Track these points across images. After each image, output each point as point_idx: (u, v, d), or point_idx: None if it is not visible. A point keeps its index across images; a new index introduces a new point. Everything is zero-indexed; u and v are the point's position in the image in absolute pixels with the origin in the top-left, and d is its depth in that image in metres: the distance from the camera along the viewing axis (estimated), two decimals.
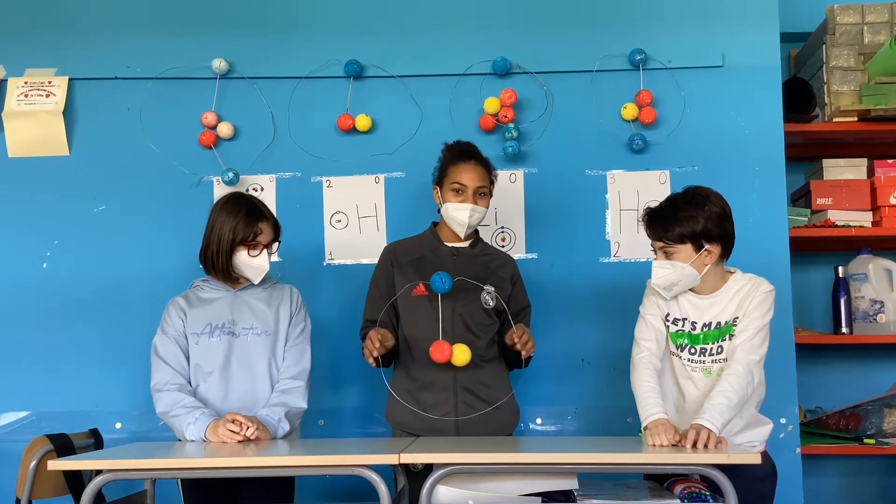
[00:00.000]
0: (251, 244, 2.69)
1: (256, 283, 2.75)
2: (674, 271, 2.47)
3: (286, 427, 2.62)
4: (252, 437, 2.50)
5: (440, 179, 2.86)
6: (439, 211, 2.89)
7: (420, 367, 2.77)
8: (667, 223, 2.46)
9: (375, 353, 2.62)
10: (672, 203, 2.50)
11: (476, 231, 2.94)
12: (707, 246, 2.45)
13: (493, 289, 2.78)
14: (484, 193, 2.82)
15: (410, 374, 2.80)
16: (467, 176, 2.79)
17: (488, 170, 2.86)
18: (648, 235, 2.54)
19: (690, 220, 2.44)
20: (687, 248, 2.45)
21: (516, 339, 2.66)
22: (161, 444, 2.79)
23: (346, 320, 3.16)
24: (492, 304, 2.77)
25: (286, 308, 2.78)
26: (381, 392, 2.85)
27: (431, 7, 3.37)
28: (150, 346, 2.72)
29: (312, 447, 2.54)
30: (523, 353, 2.66)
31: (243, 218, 2.69)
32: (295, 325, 2.78)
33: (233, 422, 2.50)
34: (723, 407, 2.31)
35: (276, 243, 2.77)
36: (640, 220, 2.58)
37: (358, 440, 3.03)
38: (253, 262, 2.70)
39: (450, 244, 2.88)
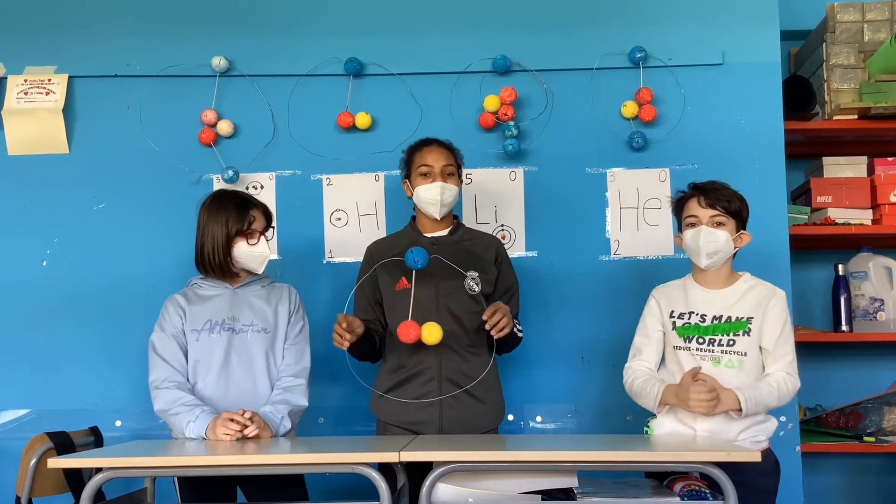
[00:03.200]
0: (247, 233, 2.69)
1: (260, 272, 2.74)
2: (720, 240, 2.56)
3: (287, 425, 2.62)
4: (251, 436, 2.50)
5: (408, 172, 2.88)
6: (415, 208, 2.90)
7: (404, 358, 2.77)
8: (724, 196, 2.57)
9: (348, 338, 2.59)
10: (721, 184, 2.62)
11: (456, 217, 2.94)
12: (742, 231, 2.59)
13: (476, 274, 2.73)
14: (452, 173, 2.83)
15: (395, 366, 2.79)
16: (432, 157, 2.81)
17: (452, 152, 2.87)
18: (701, 204, 2.58)
19: (741, 200, 2.59)
20: (732, 224, 2.58)
21: (485, 318, 2.61)
22: (161, 442, 2.79)
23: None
24: (477, 289, 2.71)
25: (285, 306, 2.78)
26: (363, 384, 2.84)
27: (431, 5, 3.36)
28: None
29: (312, 445, 2.54)
30: (493, 333, 2.62)
31: (234, 209, 2.70)
32: (294, 324, 2.78)
33: (231, 420, 2.49)
34: (762, 402, 2.44)
35: (271, 229, 2.78)
36: (688, 189, 2.64)
37: (357, 438, 3.03)
38: (254, 251, 2.70)
39: (429, 234, 2.87)
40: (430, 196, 2.79)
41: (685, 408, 2.44)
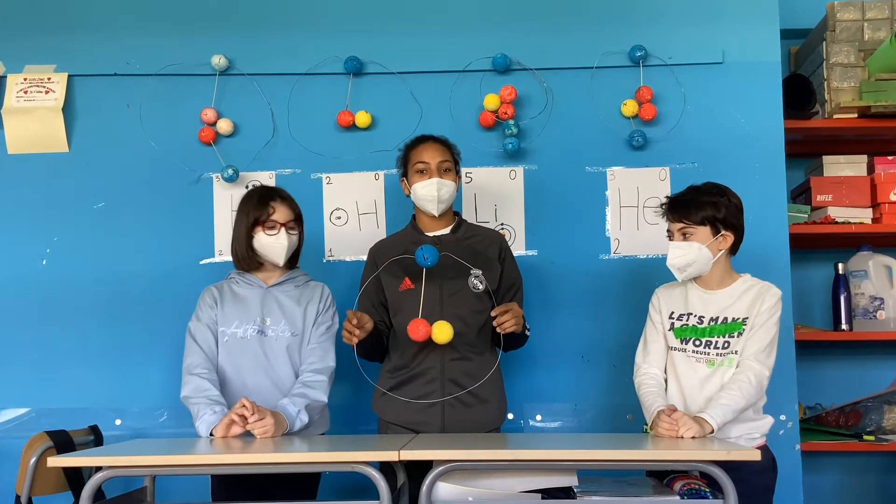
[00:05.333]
0: (266, 223, 2.70)
1: (280, 263, 2.75)
2: (690, 251, 2.57)
3: (304, 419, 2.61)
4: (259, 430, 2.48)
5: (405, 170, 2.86)
6: (415, 206, 2.88)
7: (407, 358, 2.76)
8: (690, 206, 2.58)
9: (357, 333, 2.59)
10: (695, 190, 2.64)
11: (458, 214, 2.94)
12: (723, 231, 2.56)
13: (480, 272, 2.74)
14: (449, 169, 2.81)
15: (397, 365, 2.79)
16: (427, 153, 2.80)
17: (449, 147, 2.86)
18: (669, 219, 2.63)
19: (712, 205, 2.57)
20: (705, 231, 2.57)
21: (493, 314, 2.62)
22: (161, 441, 2.79)
23: (346, 316, 3.15)
24: (481, 287, 2.73)
25: (314, 307, 2.79)
26: (369, 381, 2.83)
27: (431, 4, 3.36)
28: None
29: (312, 444, 2.54)
30: (499, 329, 2.63)
31: (256, 200, 2.74)
32: (321, 323, 2.79)
33: (232, 422, 2.48)
34: (728, 409, 2.42)
35: (300, 226, 2.79)
36: (661, 206, 2.67)
37: (357, 437, 3.03)
38: (272, 241, 2.71)
39: (431, 233, 2.86)
40: (427, 193, 2.78)
41: None
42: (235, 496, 2.64)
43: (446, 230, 2.87)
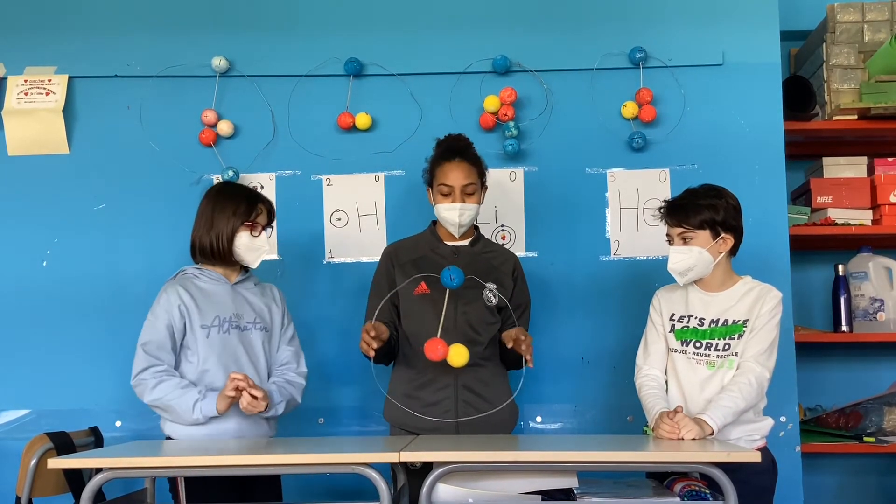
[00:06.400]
0: (252, 224, 2.70)
1: (255, 266, 2.76)
2: (690, 256, 2.58)
3: (280, 411, 2.66)
4: (247, 402, 2.52)
5: (430, 181, 2.85)
6: None
7: (421, 364, 2.75)
8: (688, 210, 2.59)
9: (375, 345, 2.58)
10: (693, 193, 2.64)
11: (477, 228, 2.94)
12: (723, 234, 2.57)
13: (494, 286, 2.76)
14: (473, 192, 2.79)
15: (411, 372, 2.79)
16: (452, 175, 2.76)
17: (476, 164, 2.82)
18: (668, 224, 2.64)
19: (711, 208, 2.57)
20: (705, 234, 2.57)
21: (523, 347, 2.61)
22: (161, 443, 2.78)
23: (346, 318, 3.16)
24: (494, 301, 2.75)
25: (278, 307, 2.82)
26: (381, 390, 2.85)
27: (431, 5, 3.36)
28: None
29: (312, 445, 2.54)
30: (529, 360, 2.61)
31: (244, 199, 2.72)
32: (287, 326, 2.82)
33: (236, 389, 2.52)
34: (728, 410, 2.42)
35: (271, 228, 2.79)
36: (659, 210, 2.68)
37: (357, 438, 3.03)
38: (254, 244, 2.71)
39: (450, 243, 2.86)
40: (449, 217, 2.78)
41: None
42: (206, 494, 2.62)
43: (465, 242, 2.87)
